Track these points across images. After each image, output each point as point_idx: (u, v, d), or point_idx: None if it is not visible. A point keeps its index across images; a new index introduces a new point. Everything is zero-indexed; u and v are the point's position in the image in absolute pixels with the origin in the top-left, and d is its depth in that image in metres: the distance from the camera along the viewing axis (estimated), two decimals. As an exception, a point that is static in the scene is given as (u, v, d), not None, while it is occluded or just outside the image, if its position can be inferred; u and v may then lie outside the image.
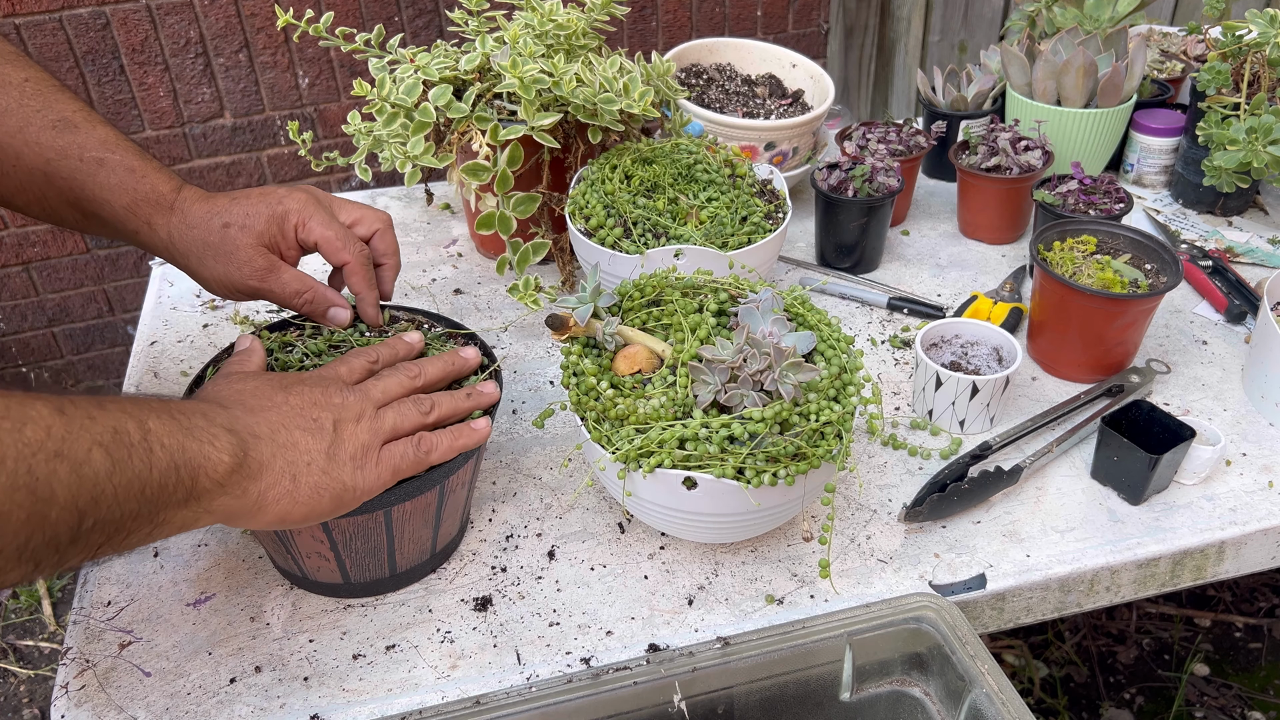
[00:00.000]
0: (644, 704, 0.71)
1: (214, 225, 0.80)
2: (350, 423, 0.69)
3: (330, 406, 0.69)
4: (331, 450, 0.66)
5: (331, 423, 0.67)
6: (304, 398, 0.68)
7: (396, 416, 0.71)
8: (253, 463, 0.62)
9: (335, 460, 0.66)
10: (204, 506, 0.60)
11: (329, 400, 0.69)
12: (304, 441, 0.65)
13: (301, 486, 0.64)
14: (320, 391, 0.69)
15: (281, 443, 0.65)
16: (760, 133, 1.23)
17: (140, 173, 0.80)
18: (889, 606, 0.75)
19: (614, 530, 0.85)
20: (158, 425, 0.57)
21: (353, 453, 0.67)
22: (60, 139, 0.78)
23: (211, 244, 0.80)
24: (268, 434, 0.64)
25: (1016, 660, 1.76)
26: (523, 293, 0.99)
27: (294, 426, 0.66)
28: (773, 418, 0.70)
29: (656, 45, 2.39)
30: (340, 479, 0.66)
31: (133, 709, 0.70)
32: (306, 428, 0.66)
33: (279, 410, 0.66)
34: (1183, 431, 0.86)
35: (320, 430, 0.67)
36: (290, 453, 0.64)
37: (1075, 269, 0.99)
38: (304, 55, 2.16)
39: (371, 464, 0.68)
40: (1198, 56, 1.51)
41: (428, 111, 0.97)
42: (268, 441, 0.64)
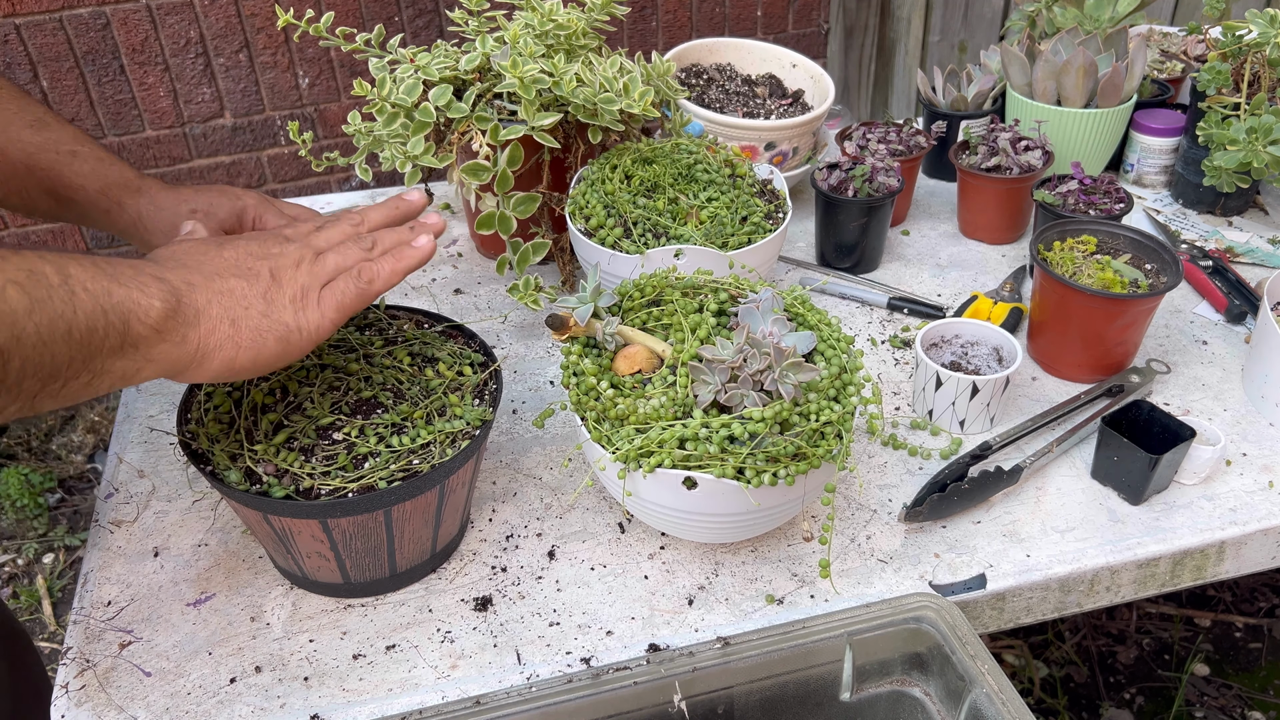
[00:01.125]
0: (644, 704, 0.71)
1: (181, 210, 0.88)
2: (289, 269, 0.69)
3: (268, 256, 0.69)
4: (269, 294, 0.67)
5: (268, 270, 0.68)
6: (240, 250, 0.69)
7: (338, 258, 0.72)
8: (188, 309, 0.62)
9: (274, 304, 0.67)
10: (143, 355, 0.60)
11: (266, 250, 0.70)
12: (240, 288, 0.66)
13: (243, 330, 0.65)
14: (258, 244, 0.70)
15: (217, 289, 0.65)
16: (760, 133, 1.23)
17: (108, 162, 0.89)
18: (889, 606, 0.75)
19: (614, 530, 0.85)
20: (79, 271, 0.58)
21: (292, 295, 0.68)
22: (38, 136, 0.87)
23: (177, 225, 0.87)
24: (201, 282, 0.64)
25: (1016, 660, 1.76)
26: (523, 293, 0.98)
27: (229, 274, 0.66)
28: (773, 418, 0.70)
29: (656, 45, 2.39)
30: (282, 320, 0.67)
31: (133, 709, 0.70)
32: (242, 275, 0.67)
33: (213, 262, 0.67)
34: (1183, 431, 0.86)
35: (256, 276, 0.67)
36: (227, 299, 0.65)
37: (1075, 269, 0.99)
38: (304, 55, 2.16)
39: (313, 304, 0.69)
40: (1198, 56, 1.51)
41: (428, 111, 0.97)
42: (202, 289, 0.64)
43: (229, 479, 0.70)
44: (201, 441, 0.74)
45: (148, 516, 0.87)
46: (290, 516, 0.70)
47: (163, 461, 0.93)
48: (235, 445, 0.73)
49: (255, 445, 0.73)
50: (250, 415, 0.75)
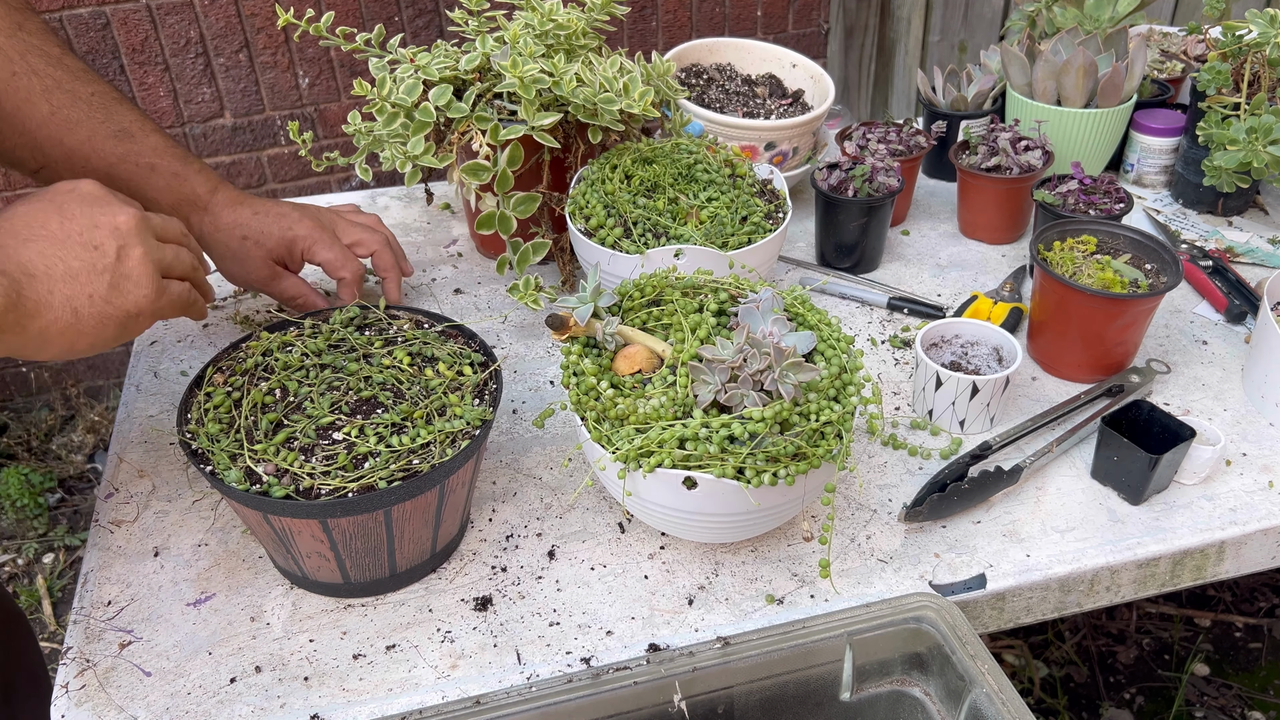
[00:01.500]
0: (644, 704, 0.71)
1: (235, 235, 0.96)
2: (134, 247, 0.69)
3: (112, 231, 0.69)
4: (115, 280, 0.68)
5: (115, 249, 0.68)
6: (81, 221, 0.68)
7: (173, 254, 0.75)
8: (29, 302, 0.64)
9: (119, 290, 0.68)
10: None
11: (111, 221, 0.69)
12: (83, 273, 0.66)
13: (84, 319, 0.66)
14: (99, 211, 0.70)
15: (59, 275, 0.65)
16: (760, 133, 1.23)
17: (182, 177, 0.93)
18: (889, 606, 0.75)
19: (614, 530, 0.85)
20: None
21: (137, 279, 0.69)
22: (120, 147, 0.90)
23: (232, 248, 0.97)
24: (43, 270, 0.65)
25: (1016, 660, 1.76)
26: (523, 293, 0.99)
27: (72, 256, 0.66)
28: (773, 418, 0.70)
29: (656, 45, 2.39)
30: (124, 308, 0.68)
31: (133, 709, 0.70)
32: (86, 256, 0.67)
33: (54, 239, 0.67)
34: (1183, 431, 0.86)
35: (102, 255, 0.67)
36: (70, 285, 0.66)
37: (1075, 269, 0.99)
38: (304, 55, 2.16)
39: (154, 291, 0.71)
40: (1198, 56, 1.51)
41: (428, 111, 0.97)
42: (43, 278, 0.65)
43: (229, 479, 0.70)
44: (201, 441, 0.74)
45: (148, 516, 0.87)
46: (290, 516, 0.70)
47: (163, 461, 0.93)
48: (235, 445, 0.73)
49: (255, 445, 0.73)
50: (250, 415, 0.75)
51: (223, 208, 0.96)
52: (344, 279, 0.99)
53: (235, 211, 0.96)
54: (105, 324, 0.67)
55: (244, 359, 0.81)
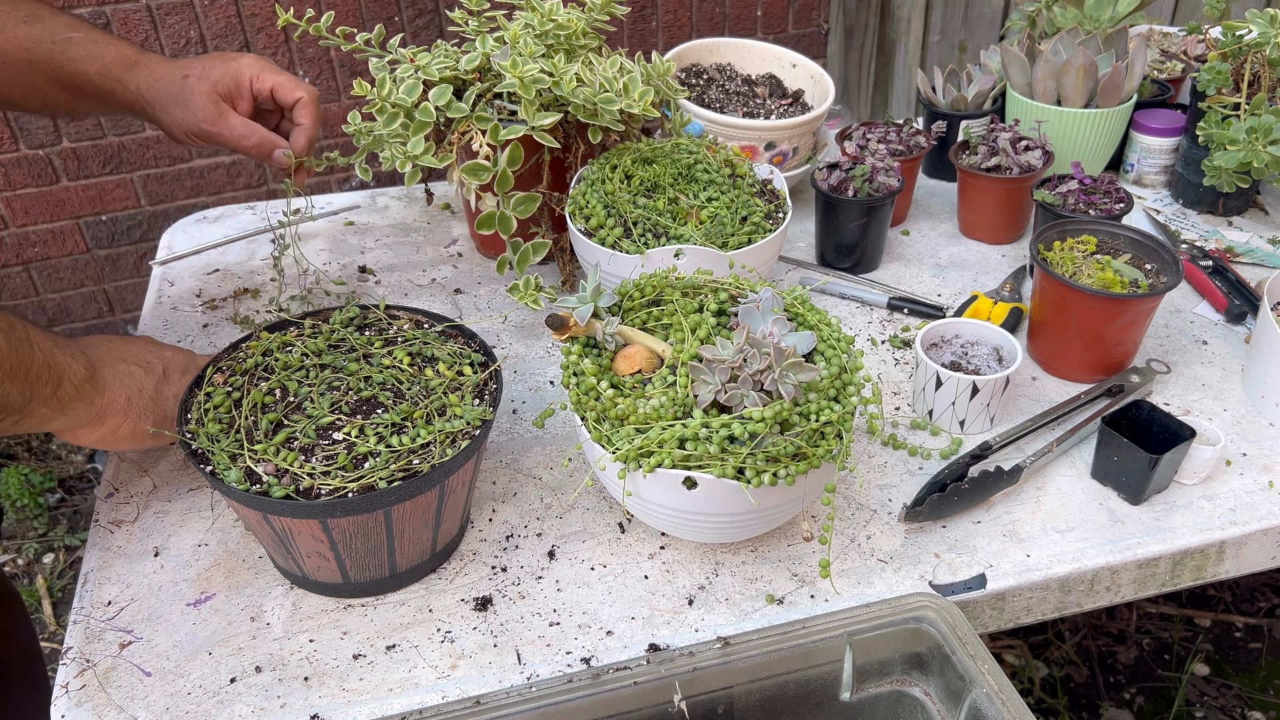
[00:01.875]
0: (644, 704, 0.71)
1: (175, 77, 0.93)
2: (176, 372, 0.83)
3: (161, 357, 0.83)
4: (159, 386, 0.81)
5: (161, 369, 0.82)
6: (139, 346, 0.83)
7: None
8: (100, 380, 0.77)
9: (161, 394, 0.81)
10: (61, 407, 0.73)
11: (161, 353, 0.84)
12: (139, 374, 0.80)
13: (134, 407, 0.79)
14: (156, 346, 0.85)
15: (121, 371, 0.79)
16: (760, 133, 1.23)
17: (104, 42, 0.93)
18: (889, 606, 0.75)
19: (614, 530, 0.85)
20: (35, 333, 0.72)
21: (176, 392, 0.81)
22: (33, 29, 0.90)
23: (173, 93, 0.93)
24: (111, 362, 0.79)
25: (1016, 660, 1.76)
26: (523, 293, 0.98)
27: (132, 362, 0.80)
28: (773, 418, 0.70)
29: (656, 45, 2.39)
30: (164, 409, 0.81)
31: (133, 709, 0.70)
32: (142, 365, 0.81)
33: (119, 350, 0.81)
34: (1183, 431, 0.86)
35: (151, 369, 0.81)
36: (128, 380, 0.79)
37: (1075, 269, 0.99)
38: (304, 55, 2.16)
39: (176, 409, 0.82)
40: (1198, 56, 1.51)
41: (428, 111, 0.97)
42: (110, 368, 0.78)
43: (229, 479, 0.70)
44: (201, 441, 0.74)
45: (148, 516, 0.87)
46: (290, 516, 0.70)
47: (163, 461, 0.93)
48: (235, 445, 0.73)
49: (255, 445, 0.73)
50: (250, 415, 0.75)
51: (157, 62, 0.94)
52: (302, 99, 0.96)
53: (171, 62, 0.95)
54: (146, 416, 0.79)
55: (244, 359, 0.81)
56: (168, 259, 1.26)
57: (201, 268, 1.24)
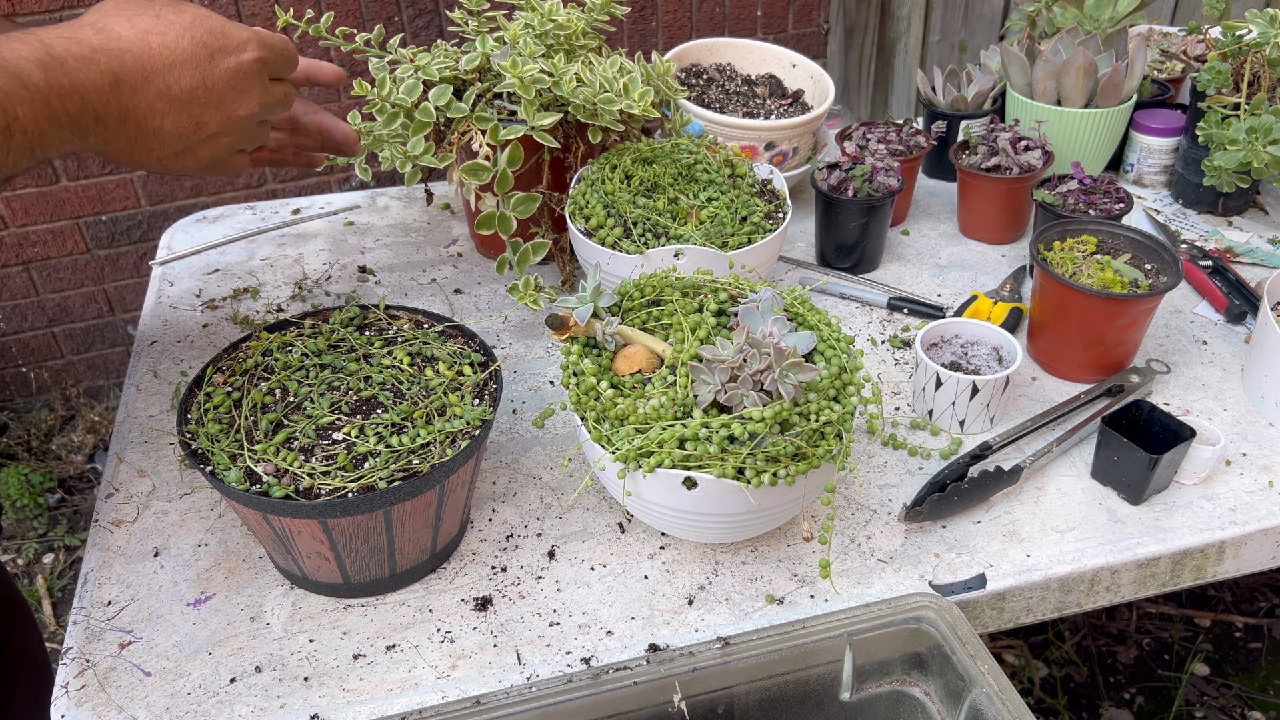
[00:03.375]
0: (644, 704, 0.71)
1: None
2: (225, 137, 0.68)
3: (225, 120, 0.67)
4: (184, 151, 0.67)
5: (211, 132, 0.67)
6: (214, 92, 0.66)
7: (259, 139, 0.73)
8: (105, 143, 0.63)
9: (181, 157, 0.67)
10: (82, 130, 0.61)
11: (236, 108, 0.68)
12: (169, 136, 0.65)
13: (133, 156, 0.66)
14: (237, 90, 0.67)
15: (148, 129, 0.64)
16: (760, 133, 1.23)
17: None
18: (889, 606, 0.75)
19: (614, 530, 0.85)
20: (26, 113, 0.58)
21: (202, 158, 0.68)
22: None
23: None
24: (136, 119, 0.64)
25: (1016, 660, 1.76)
26: (523, 293, 0.98)
27: (173, 121, 0.65)
28: (773, 418, 0.70)
29: (656, 45, 2.39)
30: (168, 166, 0.67)
31: (133, 709, 0.70)
32: (186, 126, 0.65)
33: (174, 98, 0.64)
34: (1183, 431, 0.86)
35: (197, 131, 0.66)
36: (148, 138, 0.65)
37: (1075, 269, 0.99)
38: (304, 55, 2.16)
39: (210, 165, 0.70)
40: (1198, 56, 1.51)
41: (428, 111, 0.97)
42: (131, 126, 0.64)
43: (229, 479, 0.70)
44: (201, 441, 0.74)
45: (148, 516, 0.87)
46: (290, 516, 0.70)
47: (163, 461, 0.93)
48: (235, 445, 0.73)
49: (255, 445, 0.73)
50: (250, 415, 0.75)
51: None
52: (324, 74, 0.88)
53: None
54: (142, 164, 0.67)
55: (244, 359, 0.81)
56: (168, 259, 1.26)
57: (201, 268, 1.24)
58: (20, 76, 0.58)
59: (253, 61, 0.68)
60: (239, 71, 0.67)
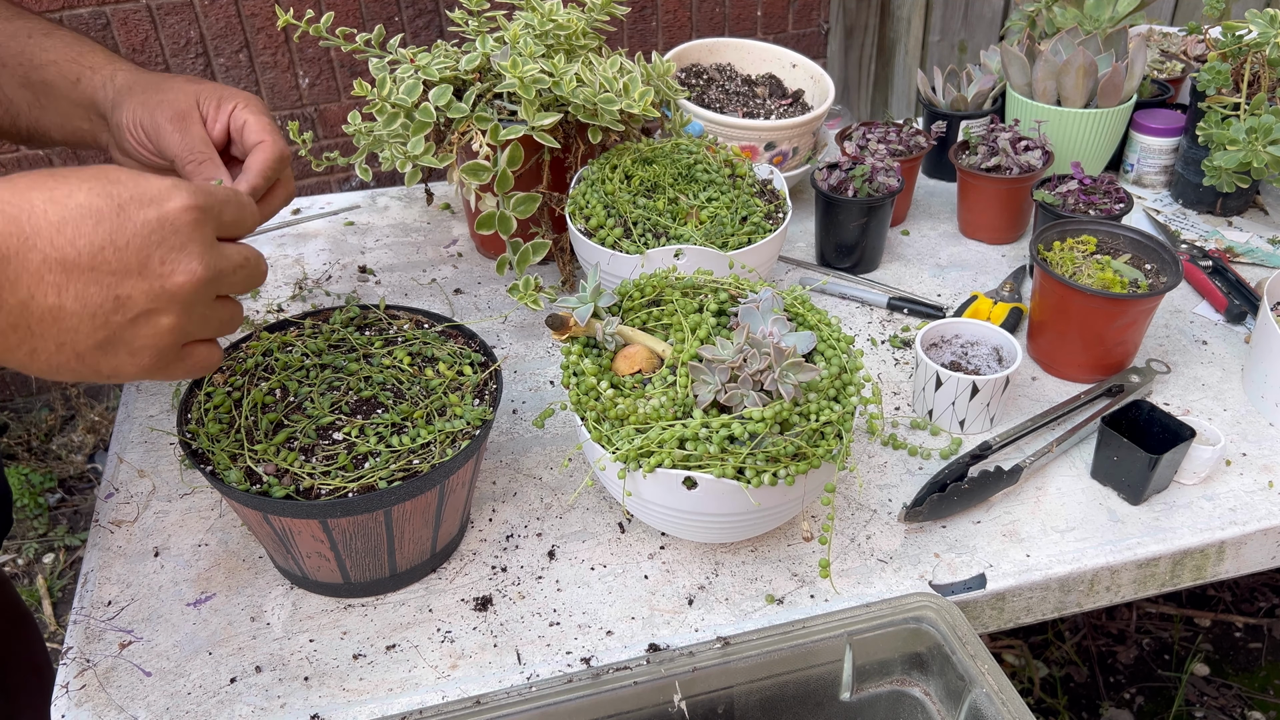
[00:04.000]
0: (644, 704, 0.71)
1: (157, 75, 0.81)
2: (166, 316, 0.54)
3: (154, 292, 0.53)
4: (108, 341, 0.53)
5: (139, 311, 0.53)
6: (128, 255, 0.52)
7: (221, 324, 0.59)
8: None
9: (105, 353, 0.53)
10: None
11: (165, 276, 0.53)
12: (75, 317, 0.51)
13: (38, 362, 0.52)
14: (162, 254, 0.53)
15: (37, 312, 0.50)
16: (760, 133, 1.23)
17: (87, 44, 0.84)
18: (889, 606, 0.75)
19: (614, 530, 0.85)
20: None
21: (139, 348, 0.54)
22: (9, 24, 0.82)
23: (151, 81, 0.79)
24: (19, 299, 0.50)
25: (1016, 660, 1.76)
26: (523, 293, 0.98)
27: (76, 294, 0.51)
28: (773, 418, 0.70)
29: (656, 45, 2.39)
30: (96, 367, 0.53)
31: (133, 709, 0.70)
32: (96, 302, 0.51)
33: (71, 264, 0.50)
34: (1183, 431, 0.86)
35: (117, 308, 0.52)
36: (45, 326, 0.50)
37: (1075, 269, 0.99)
38: (304, 55, 2.16)
39: (152, 367, 0.56)
40: (1198, 56, 1.51)
41: (428, 111, 0.97)
42: (12, 309, 0.50)
43: (229, 479, 0.70)
44: (201, 441, 0.74)
45: (148, 516, 0.87)
46: (290, 516, 0.70)
47: (163, 461, 0.93)
48: (235, 445, 0.73)
49: (255, 445, 0.73)
50: (250, 415, 0.75)
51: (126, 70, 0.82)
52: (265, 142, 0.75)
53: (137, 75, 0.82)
54: (58, 372, 0.53)
55: (244, 359, 0.81)
56: (168, 259, 1.26)
57: (201, 268, 1.24)
58: None
59: (181, 211, 0.54)
60: (162, 225, 0.53)
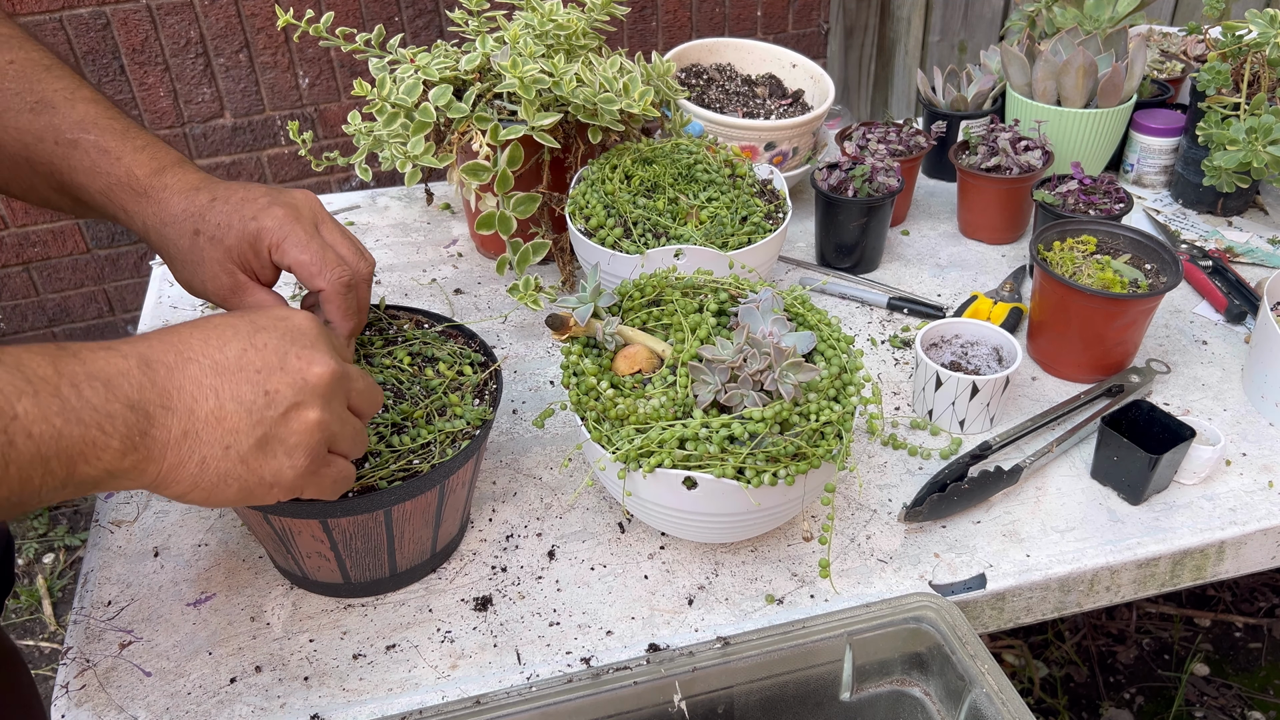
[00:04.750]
0: (644, 704, 0.71)
1: (186, 230, 0.73)
2: (311, 409, 0.57)
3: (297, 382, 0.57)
4: (266, 440, 0.56)
5: (288, 404, 0.57)
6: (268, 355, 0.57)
7: (353, 433, 0.63)
8: (155, 442, 0.53)
9: (265, 453, 0.56)
10: (88, 488, 0.53)
11: (303, 369, 0.57)
12: (235, 416, 0.55)
13: (209, 473, 0.55)
14: (296, 352, 0.58)
15: (203, 415, 0.54)
16: (760, 133, 1.23)
17: (115, 154, 0.73)
18: (889, 606, 0.75)
19: (614, 530, 0.85)
20: (30, 409, 0.48)
21: (294, 446, 0.57)
22: (37, 121, 0.73)
23: (183, 248, 0.74)
24: (186, 404, 0.54)
25: (1016, 660, 1.76)
26: (523, 293, 0.98)
27: (231, 393, 0.55)
28: (773, 418, 0.70)
29: (656, 45, 2.39)
30: (260, 475, 0.57)
31: (133, 709, 0.70)
32: (249, 398, 0.55)
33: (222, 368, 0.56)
34: (1183, 431, 0.86)
35: (269, 404, 0.56)
36: (210, 430, 0.54)
37: (1075, 269, 0.99)
38: (304, 55, 2.16)
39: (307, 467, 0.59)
40: (1198, 56, 1.51)
41: (428, 111, 0.97)
42: (182, 414, 0.54)
43: (229, 479, 0.70)
44: (201, 441, 0.73)
45: (148, 516, 0.87)
46: (290, 516, 0.70)
47: (163, 461, 0.93)
48: (235, 445, 0.73)
49: (255, 445, 0.73)
50: (250, 415, 0.75)
51: (172, 193, 0.73)
52: (323, 291, 0.72)
53: (190, 199, 0.73)
54: (226, 483, 0.56)
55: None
56: (168, 259, 1.26)
57: (201, 268, 1.24)
58: (22, 368, 0.49)
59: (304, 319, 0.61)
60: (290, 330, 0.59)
